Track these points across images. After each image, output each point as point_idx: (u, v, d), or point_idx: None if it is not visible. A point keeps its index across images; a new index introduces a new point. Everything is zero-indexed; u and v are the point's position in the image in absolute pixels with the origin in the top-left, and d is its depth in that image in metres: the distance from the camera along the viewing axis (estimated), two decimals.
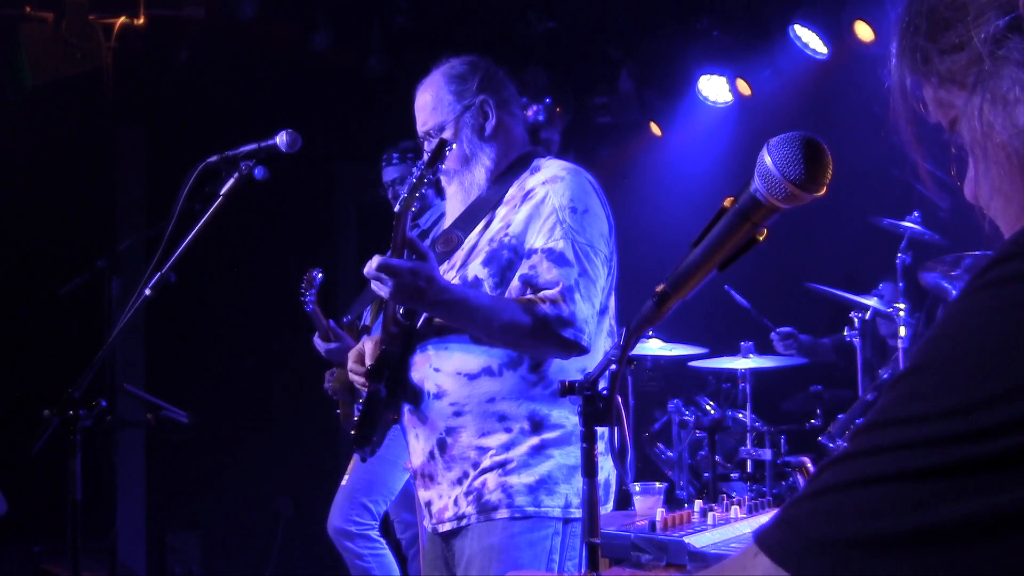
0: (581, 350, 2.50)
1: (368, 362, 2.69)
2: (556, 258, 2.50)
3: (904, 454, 0.80)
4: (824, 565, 0.82)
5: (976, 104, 0.96)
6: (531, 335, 2.46)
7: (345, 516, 4.51)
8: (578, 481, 2.53)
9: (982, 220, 1.00)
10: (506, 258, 2.57)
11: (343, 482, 4.61)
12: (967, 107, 0.97)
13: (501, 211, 2.66)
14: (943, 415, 0.80)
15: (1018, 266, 0.82)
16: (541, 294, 2.49)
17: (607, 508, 2.66)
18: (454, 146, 2.66)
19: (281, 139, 3.00)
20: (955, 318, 0.85)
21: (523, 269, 2.54)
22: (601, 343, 2.60)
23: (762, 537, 0.89)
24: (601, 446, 1.73)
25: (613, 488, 2.69)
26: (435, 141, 2.65)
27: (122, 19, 5.63)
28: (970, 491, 0.78)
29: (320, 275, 4.24)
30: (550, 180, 2.60)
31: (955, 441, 0.79)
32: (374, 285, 2.48)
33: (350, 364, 2.74)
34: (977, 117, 0.96)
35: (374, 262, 2.45)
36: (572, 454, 2.54)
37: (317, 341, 4.21)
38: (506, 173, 2.72)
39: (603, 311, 2.61)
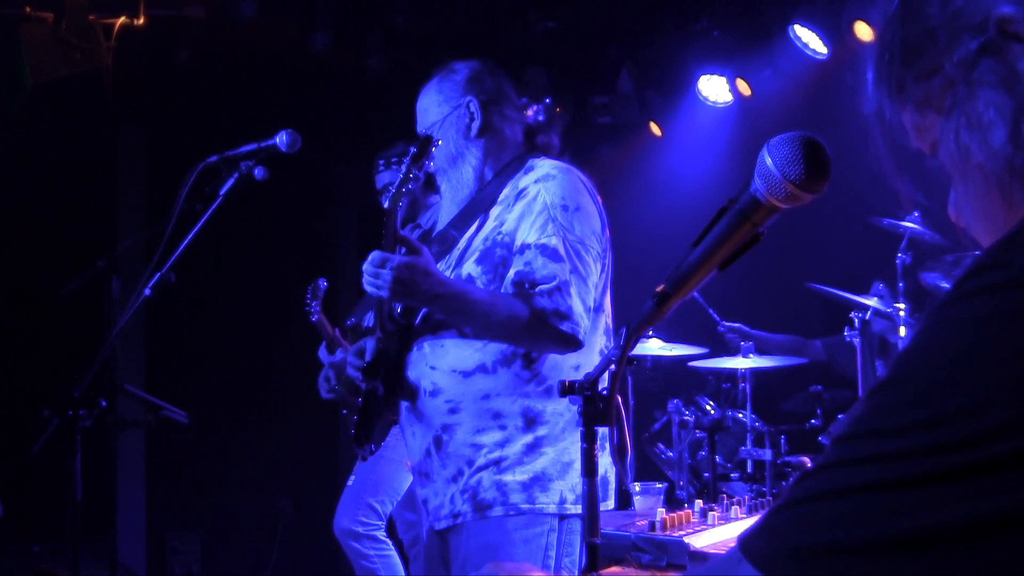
0: (577, 344, 2.52)
1: (368, 357, 2.72)
2: (550, 254, 2.53)
3: (880, 465, 0.83)
4: (803, 572, 0.85)
5: (952, 128, 0.97)
6: (528, 329, 2.49)
7: (352, 516, 4.52)
8: (572, 477, 2.56)
9: (963, 238, 1.01)
10: (499, 256, 2.60)
11: (349, 482, 4.61)
12: (944, 131, 0.98)
13: (495, 211, 2.70)
14: (916, 427, 0.82)
15: (991, 278, 0.83)
16: (538, 288, 2.51)
17: (607, 505, 2.68)
18: (440, 142, 2.70)
19: (281, 139, 3.00)
20: (930, 330, 0.87)
21: (517, 265, 2.56)
22: (597, 341, 2.63)
23: (745, 543, 0.91)
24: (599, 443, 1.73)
25: (612, 485, 2.70)
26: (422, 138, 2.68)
27: (122, 19, 5.62)
28: (943, 501, 0.80)
29: (325, 284, 4.24)
30: (542, 179, 2.64)
31: (927, 453, 0.81)
32: (369, 284, 2.49)
33: (349, 358, 2.77)
34: (954, 141, 0.97)
35: (372, 256, 2.47)
36: (566, 451, 2.57)
37: (323, 353, 4.20)
38: (500, 174, 2.76)
39: (598, 309, 2.64)
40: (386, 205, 2.61)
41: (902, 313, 4.63)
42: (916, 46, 0.99)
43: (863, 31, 5.12)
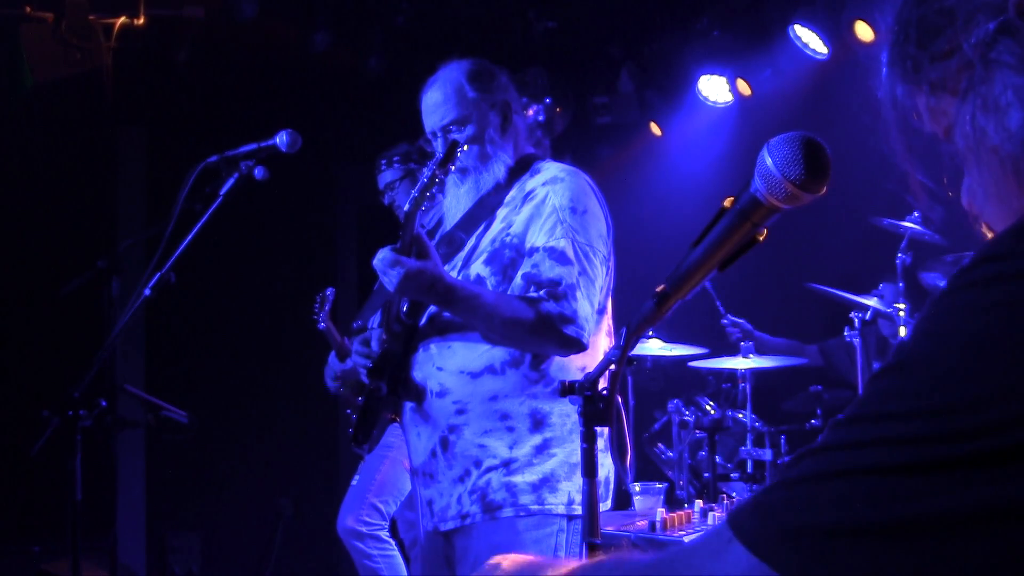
0: (581, 347, 2.54)
1: (373, 346, 2.72)
2: (558, 256, 2.54)
3: (883, 450, 0.81)
4: (797, 553, 0.83)
5: (968, 110, 0.95)
6: (533, 331, 2.50)
7: (356, 516, 4.53)
8: (579, 479, 2.55)
9: (974, 226, 1.00)
10: (508, 257, 2.61)
11: (353, 482, 4.62)
12: (959, 114, 0.96)
13: (502, 212, 2.70)
14: (922, 414, 0.81)
15: (1000, 267, 0.83)
16: (545, 291, 2.52)
17: (605, 505, 2.69)
18: (466, 147, 2.67)
19: (281, 139, 3.00)
20: (938, 316, 0.85)
21: (525, 267, 2.58)
22: (600, 343, 2.64)
23: (735, 522, 0.89)
24: (601, 444, 1.73)
25: (612, 485, 2.71)
26: (448, 141, 2.64)
27: (122, 19, 5.62)
28: (945, 488, 0.79)
29: (333, 294, 4.24)
30: (550, 181, 2.65)
31: (933, 440, 0.80)
32: (382, 276, 2.50)
33: (355, 346, 2.78)
34: (969, 123, 0.95)
35: (385, 254, 2.47)
36: (574, 452, 2.57)
37: (333, 360, 4.20)
38: (509, 175, 2.75)
39: (601, 311, 2.65)
40: (407, 207, 2.58)
41: (902, 313, 4.63)
42: (933, 26, 0.97)
43: (863, 31, 5.12)
